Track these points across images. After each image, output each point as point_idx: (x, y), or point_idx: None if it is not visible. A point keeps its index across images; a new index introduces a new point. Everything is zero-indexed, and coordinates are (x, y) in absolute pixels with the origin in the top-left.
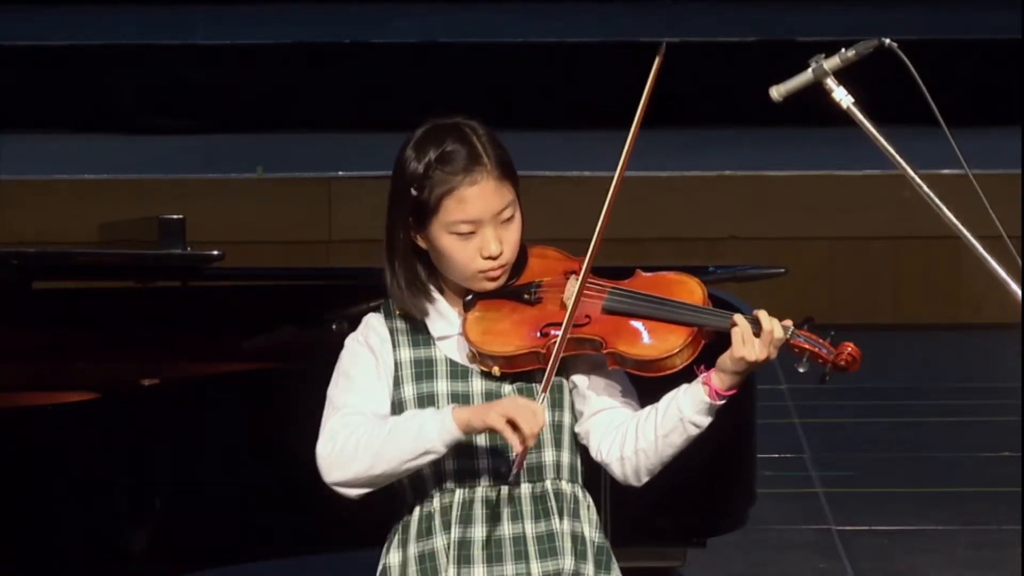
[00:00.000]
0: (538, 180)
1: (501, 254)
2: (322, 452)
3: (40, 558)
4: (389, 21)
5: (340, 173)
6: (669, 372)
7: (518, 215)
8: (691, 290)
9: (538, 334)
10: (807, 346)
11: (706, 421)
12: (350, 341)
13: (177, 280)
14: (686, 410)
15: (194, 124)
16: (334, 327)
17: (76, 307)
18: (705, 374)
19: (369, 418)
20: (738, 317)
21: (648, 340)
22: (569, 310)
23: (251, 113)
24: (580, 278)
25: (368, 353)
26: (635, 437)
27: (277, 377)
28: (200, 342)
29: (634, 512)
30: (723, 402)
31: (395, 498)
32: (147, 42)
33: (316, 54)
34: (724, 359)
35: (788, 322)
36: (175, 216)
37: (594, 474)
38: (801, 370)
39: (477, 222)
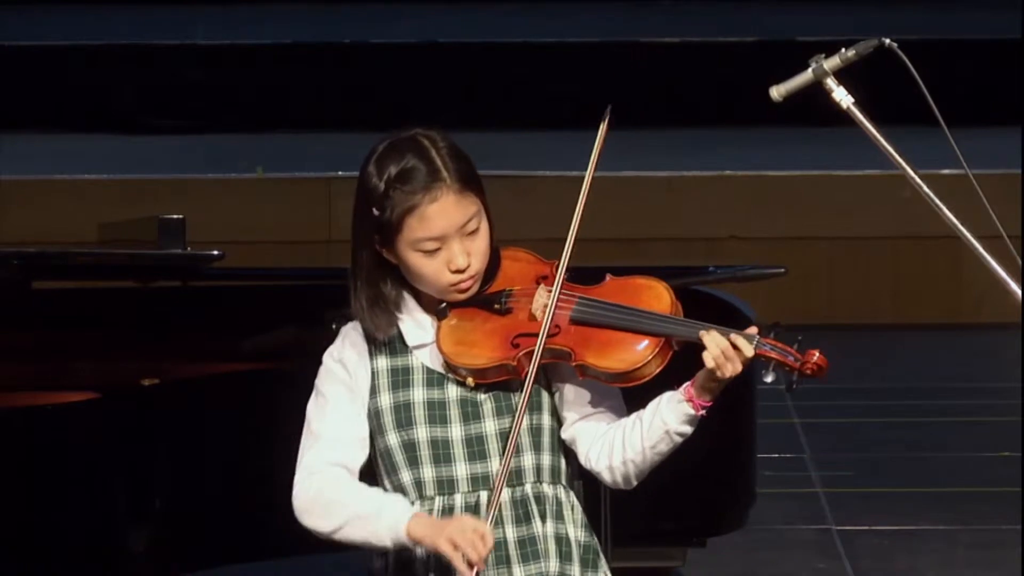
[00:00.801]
0: (538, 180)
1: (469, 266)
2: (297, 494)
3: (40, 558)
4: (389, 21)
5: (340, 173)
6: (641, 382)
7: (484, 225)
8: (659, 296)
9: (509, 345)
10: (773, 355)
11: (691, 429)
12: (326, 358)
13: (177, 280)
14: (671, 423)
15: (194, 124)
16: (334, 327)
17: (76, 307)
18: (687, 389)
19: (342, 474)
20: (704, 334)
21: (616, 352)
22: (544, 324)
23: (251, 113)
24: (553, 293)
25: (342, 370)
26: (623, 448)
27: (277, 377)
28: (200, 342)
29: (634, 512)
30: (704, 412)
31: None
32: (147, 42)
33: (316, 54)
34: (702, 378)
35: (753, 329)
36: (175, 216)
37: (593, 475)
38: (768, 379)
39: (441, 238)
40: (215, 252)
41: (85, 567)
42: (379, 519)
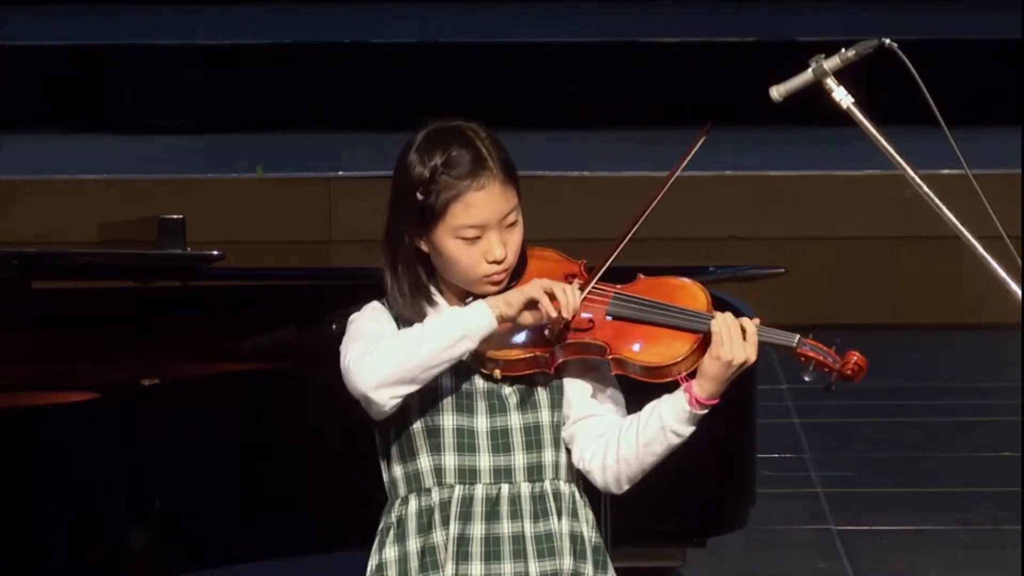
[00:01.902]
0: (538, 180)
1: (505, 258)
2: (352, 360)
3: (40, 558)
4: (389, 21)
5: (340, 173)
6: (673, 378)
7: (521, 219)
8: (694, 296)
9: (539, 337)
10: (813, 355)
11: (688, 430)
12: (357, 314)
13: (177, 280)
14: (667, 419)
15: (194, 124)
16: (334, 327)
17: (76, 307)
18: (686, 382)
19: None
20: (722, 316)
21: (653, 347)
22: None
23: (251, 113)
24: (591, 282)
25: (383, 318)
26: (617, 445)
27: (277, 377)
28: (200, 342)
29: (634, 512)
30: (705, 411)
31: (389, 495)
32: (147, 42)
33: (316, 54)
34: (705, 363)
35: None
36: (175, 216)
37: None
38: (807, 379)
39: (483, 227)
40: (215, 252)
41: (85, 567)
42: (455, 315)
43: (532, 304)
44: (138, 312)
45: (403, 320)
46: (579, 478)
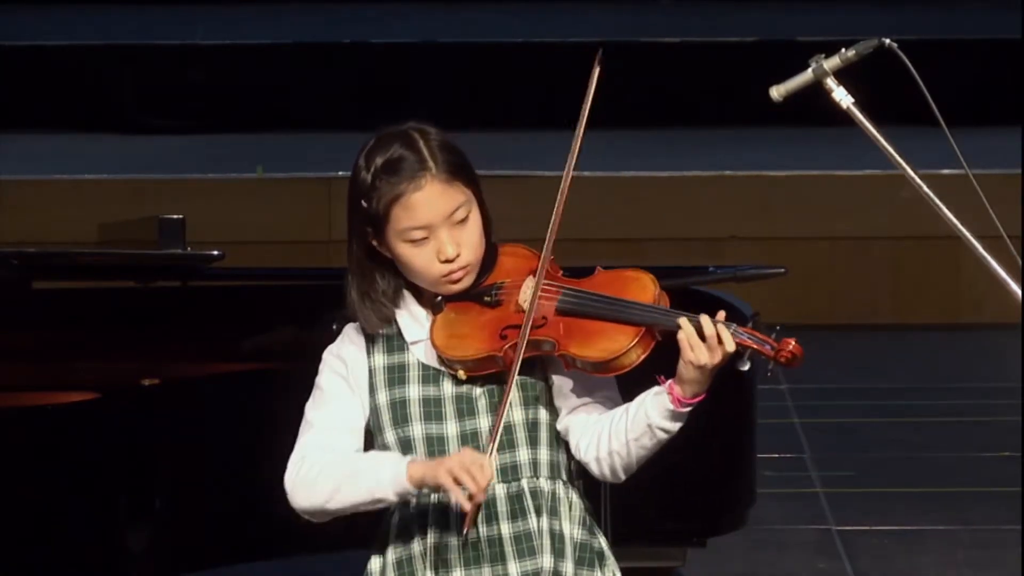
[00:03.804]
0: (538, 180)
1: (459, 255)
2: (288, 477)
3: (40, 558)
4: (389, 21)
5: (340, 173)
6: (622, 371)
7: (475, 215)
8: (644, 286)
9: (497, 337)
10: (749, 343)
11: (675, 427)
12: (326, 355)
13: (177, 280)
14: (653, 417)
15: (194, 124)
16: (334, 327)
17: (76, 307)
18: (668, 383)
19: (334, 452)
20: (682, 320)
21: (597, 341)
22: (527, 315)
23: (251, 113)
24: (536, 280)
25: (340, 365)
26: (608, 439)
27: (277, 377)
28: (200, 342)
29: (634, 512)
30: (689, 408)
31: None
32: (147, 42)
33: (316, 54)
34: (679, 368)
35: (720, 315)
36: (175, 216)
37: (583, 466)
38: (743, 368)
39: (428, 227)
40: (215, 252)
41: (85, 567)
42: (376, 471)
43: (440, 486)
44: (138, 312)
45: (369, 336)
46: (578, 474)
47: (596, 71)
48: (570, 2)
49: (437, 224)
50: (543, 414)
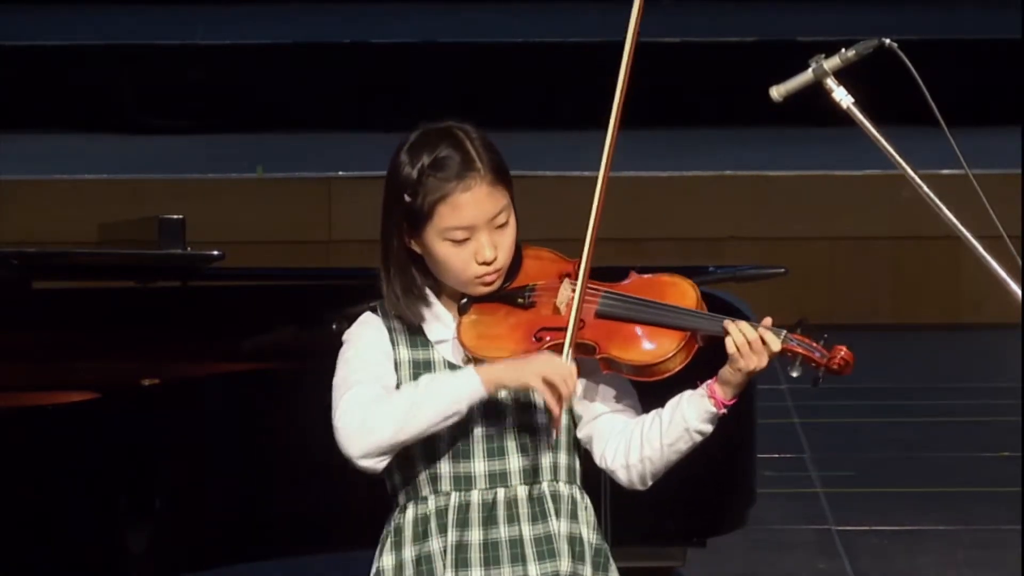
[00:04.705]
0: (538, 180)
1: (496, 259)
2: (342, 425)
3: (40, 557)
4: (389, 21)
5: (340, 173)
6: (664, 376)
7: (512, 219)
8: (684, 292)
9: (532, 339)
10: (800, 350)
11: (711, 429)
12: (348, 334)
13: (177, 280)
14: (691, 420)
15: (194, 124)
16: (334, 327)
17: (76, 307)
18: (709, 386)
19: (384, 390)
20: (730, 325)
21: (641, 345)
22: (573, 311)
23: (251, 113)
24: (579, 283)
25: (373, 335)
26: (640, 445)
27: (277, 377)
28: (200, 342)
29: (634, 512)
30: (725, 410)
31: (389, 500)
32: (147, 42)
33: (316, 54)
34: (725, 372)
35: (767, 321)
36: (175, 216)
37: (593, 475)
38: (794, 374)
39: (471, 228)
40: (215, 252)
41: (85, 567)
42: (446, 382)
43: (527, 387)
44: (138, 312)
45: (399, 324)
46: (590, 479)
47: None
48: (570, 2)
49: (480, 226)
50: (563, 418)
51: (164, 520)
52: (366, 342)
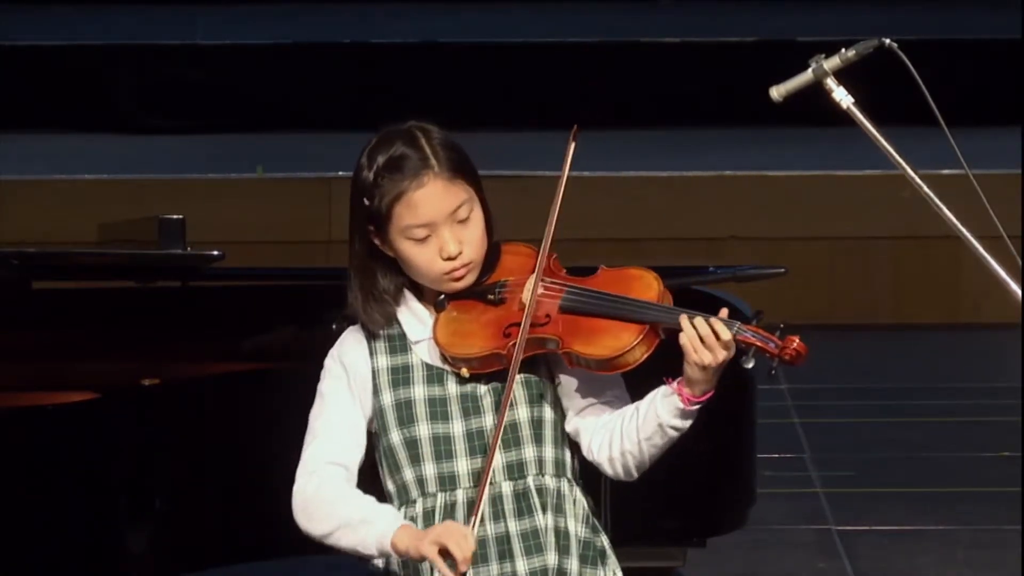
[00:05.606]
0: (538, 180)
1: (461, 253)
2: (296, 492)
3: (40, 558)
4: (389, 21)
5: (340, 173)
6: (626, 369)
7: (477, 213)
8: (647, 284)
9: (501, 334)
10: (753, 341)
11: (685, 424)
12: (327, 360)
13: (177, 280)
14: (664, 416)
15: (194, 124)
16: (334, 327)
17: (76, 307)
18: (676, 383)
19: (336, 474)
20: (683, 319)
21: (601, 339)
22: (527, 312)
23: (251, 113)
24: (534, 278)
25: (340, 371)
26: (620, 439)
27: (277, 377)
28: (200, 342)
29: (634, 512)
30: (698, 406)
31: (387, 502)
32: (147, 42)
33: (316, 54)
34: (685, 368)
35: (723, 312)
36: (175, 216)
37: (595, 473)
38: (748, 365)
39: (431, 225)
40: (215, 252)
41: (85, 567)
42: (367, 528)
43: (423, 557)
44: (138, 312)
45: (373, 334)
46: (580, 473)
47: (572, 146)
48: (570, 2)
49: (439, 222)
50: (548, 412)
51: (164, 520)
52: (334, 382)
